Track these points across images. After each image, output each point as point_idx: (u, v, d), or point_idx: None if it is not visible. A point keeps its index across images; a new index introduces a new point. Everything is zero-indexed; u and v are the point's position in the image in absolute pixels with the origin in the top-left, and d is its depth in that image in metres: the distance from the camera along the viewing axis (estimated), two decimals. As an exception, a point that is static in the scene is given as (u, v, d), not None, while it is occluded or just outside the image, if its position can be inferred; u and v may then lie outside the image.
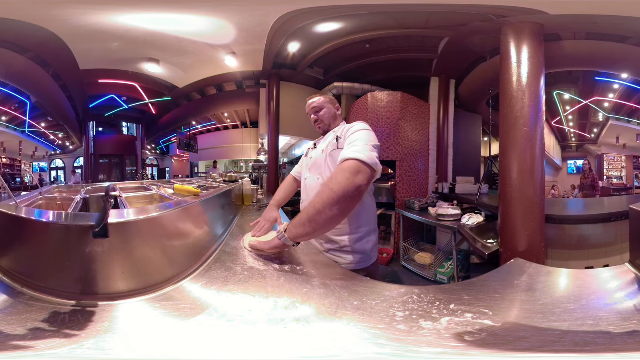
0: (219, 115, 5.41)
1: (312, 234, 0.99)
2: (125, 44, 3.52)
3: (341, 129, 1.39)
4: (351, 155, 1.01)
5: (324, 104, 1.49)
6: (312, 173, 1.48)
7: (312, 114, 1.52)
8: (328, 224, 0.95)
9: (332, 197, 0.92)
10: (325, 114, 1.49)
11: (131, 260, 0.77)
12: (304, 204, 1.48)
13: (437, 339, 0.59)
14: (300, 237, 0.99)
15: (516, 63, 2.47)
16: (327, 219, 0.93)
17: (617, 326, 0.61)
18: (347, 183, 0.94)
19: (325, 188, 0.96)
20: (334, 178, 0.97)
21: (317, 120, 1.50)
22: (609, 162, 4.03)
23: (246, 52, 3.88)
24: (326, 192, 0.94)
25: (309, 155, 1.57)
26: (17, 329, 0.60)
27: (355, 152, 1.01)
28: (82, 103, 4.57)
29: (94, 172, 4.87)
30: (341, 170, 0.98)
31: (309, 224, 0.95)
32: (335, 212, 0.93)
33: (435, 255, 3.26)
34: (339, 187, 0.93)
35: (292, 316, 0.67)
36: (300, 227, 0.96)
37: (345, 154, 1.04)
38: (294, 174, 1.76)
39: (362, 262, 1.35)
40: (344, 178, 0.95)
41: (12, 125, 4.21)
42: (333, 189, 0.93)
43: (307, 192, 1.48)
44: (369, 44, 3.68)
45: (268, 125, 4.67)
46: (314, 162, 1.47)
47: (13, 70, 3.67)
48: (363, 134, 1.19)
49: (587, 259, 2.46)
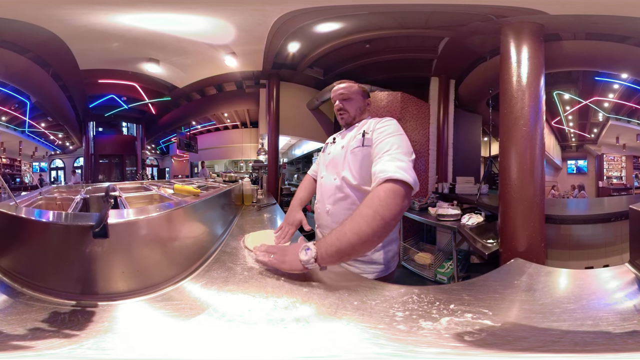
0: (218, 115, 5.41)
1: (346, 261, 0.87)
2: (125, 44, 3.52)
3: (368, 124, 1.23)
4: (399, 176, 0.88)
5: (353, 94, 1.32)
6: (328, 171, 1.33)
7: (338, 100, 1.33)
8: (367, 251, 0.87)
9: (384, 226, 0.82)
10: (352, 105, 1.32)
11: (131, 260, 0.77)
12: (318, 204, 1.37)
13: (437, 339, 0.59)
14: (333, 264, 0.85)
15: (516, 63, 2.48)
16: (370, 247, 0.85)
17: (617, 326, 0.61)
18: (398, 211, 0.84)
19: (374, 214, 0.82)
20: (385, 203, 0.84)
21: (342, 109, 1.32)
22: (608, 162, 4.02)
23: (246, 52, 3.88)
24: (377, 220, 0.81)
25: (327, 150, 1.41)
26: (17, 329, 0.60)
27: (402, 172, 0.90)
28: (82, 103, 4.57)
29: (94, 172, 4.87)
30: (392, 193, 0.86)
31: (349, 254, 0.83)
32: (381, 240, 0.84)
33: (435, 255, 3.26)
34: (390, 215, 0.82)
35: (292, 316, 0.67)
36: (337, 256, 0.82)
37: (390, 169, 0.91)
38: (311, 173, 1.63)
39: (381, 272, 1.24)
40: (395, 205, 0.84)
41: (12, 125, 4.21)
42: (385, 218, 0.82)
43: (322, 192, 1.35)
44: (369, 44, 3.68)
45: (268, 125, 4.67)
46: (332, 159, 1.32)
47: (13, 70, 3.67)
48: (401, 140, 1.07)
49: (587, 259, 2.47)
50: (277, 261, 0.88)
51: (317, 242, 0.84)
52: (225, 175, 3.36)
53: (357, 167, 1.19)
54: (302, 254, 0.82)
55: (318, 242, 0.84)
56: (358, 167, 1.19)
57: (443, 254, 3.26)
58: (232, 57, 3.95)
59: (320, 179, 1.40)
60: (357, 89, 1.34)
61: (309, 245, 0.83)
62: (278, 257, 0.88)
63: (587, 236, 2.48)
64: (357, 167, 1.19)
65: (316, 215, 1.41)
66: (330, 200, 1.28)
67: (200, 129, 5.47)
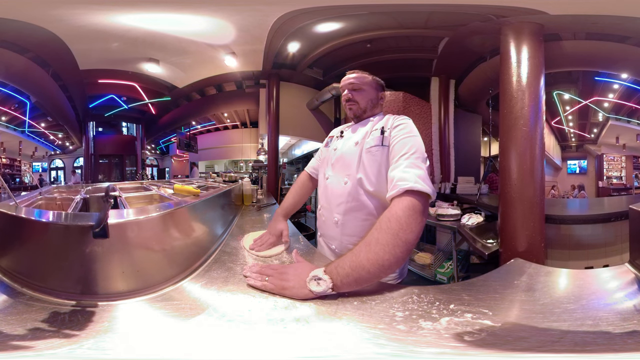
0: (218, 115, 5.40)
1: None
2: (125, 44, 3.52)
3: (384, 120, 1.11)
4: (419, 187, 0.83)
5: (365, 84, 1.18)
6: (336, 171, 1.16)
7: (348, 90, 1.18)
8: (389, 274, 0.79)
9: (407, 250, 0.77)
10: (363, 96, 1.18)
11: (131, 260, 0.77)
12: (323, 211, 1.21)
13: (437, 339, 0.59)
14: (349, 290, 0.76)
15: (516, 63, 2.47)
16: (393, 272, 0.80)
17: (617, 326, 0.61)
18: (419, 229, 0.79)
19: (394, 240, 0.75)
20: (406, 226, 0.77)
21: (350, 100, 1.18)
22: (608, 162, 4.02)
23: (246, 52, 3.88)
24: (399, 246, 0.75)
25: (333, 145, 1.23)
26: (17, 329, 0.60)
27: (422, 182, 0.84)
28: (82, 103, 4.56)
29: (94, 172, 4.87)
30: (412, 212, 0.79)
31: (369, 281, 0.76)
32: (403, 263, 0.80)
33: (435, 255, 3.26)
34: (413, 237, 0.77)
35: (291, 316, 0.67)
36: (355, 285, 0.74)
37: (410, 178, 0.85)
38: (309, 170, 1.41)
39: (395, 280, 1.13)
40: (416, 224, 0.79)
41: (12, 125, 4.21)
42: (408, 241, 0.76)
43: (328, 197, 1.18)
44: (369, 43, 3.68)
45: (268, 125, 4.67)
46: (340, 157, 1.15)
47: (13, 70, 3.66)
48: (419, 143, 0.98)
49: (587, 259, 2.46)
50: (275, 287, 0.77)
51: (329, 270, 0.75)
52: (225, 175, 3.36)
53: (375, 171, 1.05)
54: (313, 285, 0.73)
55: (329, 269, 0.75)
56: (376, 170, 1.05)
57: (443, 254, 3.26)
58: (232, 57, 3.95)
59: (324, 180, 1.21)
60: (370, 80, 1.20)
61: (320, 274, 0.74)
62: (276, 282, 0.77)
63: (587, 236, 2.48)
64: (375, 171, 1.05)
65: (320, 223, 1.26)
66: (341, 209, 1.13)
67: (200, 129, 5.47)
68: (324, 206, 1.22)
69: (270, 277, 0.80)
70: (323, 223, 1.23)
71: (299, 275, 0.77)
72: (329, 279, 0.73)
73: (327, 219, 1.20)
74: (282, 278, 0.78)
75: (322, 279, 0.73)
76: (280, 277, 0.79)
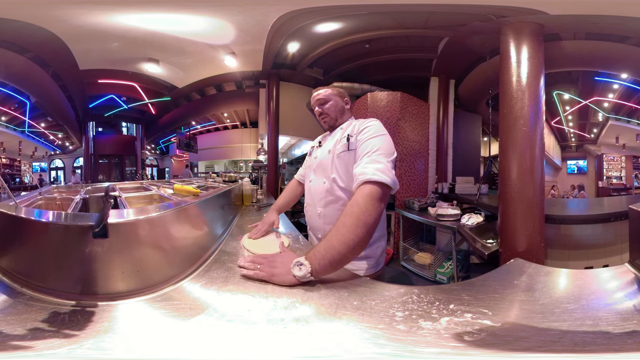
0: (218, 115, 5.41)
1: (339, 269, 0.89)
2: (124, 44, 3.52)
3: (351, 126, 1.28)
4: (376, 178, 0.96)
5: (330, 96, 1.37)
6: (317, 175, 1.37)
7: (317, 106, 1.39)
8: (358, 255, 0.89)
9: (367, 231, 0.87)
10: (331, 107, 1.37)
11: (131, 260, 0.77)
12: (309, 207, 1.41)
13: (437, 339, 0.59)
14: (327, 274, 0.86)
15: (516, 63, 2.48)
16: (360, 251, 0.88)
17: (617, 326, 0.61)
18: (377, 213, 0.91)
19: (356, 222, 0.87)
20: (365, 209, 0.90)
21: (322, 113, 1.38)
22: (608, 162, 4.03)
23: (246, 52, 3.88)
24: (360, 227, 0.87)
25: (314, 154, 1.46)
26: (17, 329, 0.60)
27: (380, 174, 0.97)
28: (82, 103, 4.57)
29: (94, 172, 4.87)
30: (370, 198, 0.92)
31: (342, 262, 0.86)
32: (367, 242, 0.89)
33: (435, 255, 3.26)
34: (371, 219, 0.89)
35: (291, 316, 0.67)
36: (330, 267, 0.84)
37: (369, 172, 0.98)
38: (297, 177, 1.68)
39: (371, 268, 1.31)
40: (374, 208, 0.91)
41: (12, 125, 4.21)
42: (367, 223, 0.88)
43: (312, 195, 1.39)
44: (369, 44, 3.68)
45: (267, 125, 4.67)
46: (319, 163, 1.36)
47: (13, 70, 3.66)
48: (382, 141, 1.12)
49: (587, 259, 2.47)
50: (265, 274, 0.85)
51: (308, 256, 0.84)
52: (225, 175, 3.36)
53: (344, 170, 1.24)
54: (296, 270, 0.81)
55: (309, 256, 0.84)
56: (345, 170, 1.24)
57: (443, 254, 3.26)
58: (231, 57, 3.95)
59: (308, 183, 1.43)
60: (333, 92, 1.39)
61: (302, 260, 0.82)
62: (266, 270, 0.86)
63: (586, 236, 2.48)
64: (344, 170, 1.24)
65: (307, 217, 1.45)
66: (322, 203, 1.32)
67: (200, 129, 5.47)
68: (309, 203, 1.42)
69: (262, 264, 0.88)
70: (310, 217, 1.42)
71: (284, 263, 0.85)
72: (309, 263, 0.82)
73: (312, 214, 1.39)
74: (271, 265, 0.88)
75: (303, 264, 0.82)
76: (269, 264, 0.88)
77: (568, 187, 4.15)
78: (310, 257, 0.83)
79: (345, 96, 1.43)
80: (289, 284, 0.81)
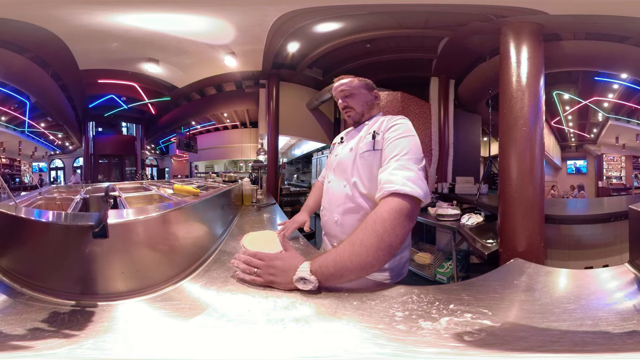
0: (218, 115, 5.40)
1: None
2: (124, 44, 3.52)
3: (378, 123, 1.12)
4: (407, 190, 0.82)
5: (355, 88, 1.20)
6: (336, 176, 1.23)
7: (340, 98, 1.22)
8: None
9: (390, 253, 0.77)
10: (356, 101, 1.20)
11: (131, 260, 0.77)
12: (325, 212, 1.28)
13: (437, 339, 0.59)
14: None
15: (515, 63, 2.48)
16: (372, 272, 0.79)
17: (617, 326, 0.61)
18: (404, 233, 0.79)
19: (378, 243, 0.76)
20: (391, 229, 0.77)
21: (347, 107, 1.21)
22: (608, 162, 4.02)
23: (245, 52, 3.88)
24: (382, 249, 0.76)
25: (334, 151, 1.31)
26: (17, 329, 0.60)
27: (411, 184, 0.83)
28: (82, 103, 4.56)
29: (94, 172, 4.87)
30: (398, 215, 0.79)
31: (350, 280, 0.77)
32: (385, 264, 0.79)
33: (435, 255, 3.26)
34: (397, 241, 0.78)
35: (291, 316, 0.67)
36: (339, 283, 0.77)
37: (397, 180, 0.85)
38: (320, 178, 1.54)
39: (393, 279, 1.16)
40: (401, 227, 0.78)
41: (12, 125, 4.20)
42: (392, 245, 0.77)
43: (330, 199, 1.24)
44: (369, 43, 3.68)
45: (267, 125, 4.67)
46: (339, 162, 1.21)
47: (13, 70, 3.66)
48: (411, 143, 0.98)
49: (587, 259, 2.47)
50: (263, 281, 0.79)
51: (314, 270, 0.76)
52: (224, 175, 3.36)
53: (367, 174, 1.09)
54: (300, 285, 0.76)
55: (314, 269, 0.76)
56: (368, 173, 1.09)
57: (442, 254, 3.26)
58: (231, 57, 3.95)
59: (327, 183, 1.29)
60: (357, 83, 1.21)
61: (306, 276, 0.75)
62: (265, 277, 0.80)
63: (586, 236, 2.48)
64: (368, 174, 1.09)
65: (323, 222, 1.33)
66: (340, 210, 1.19)
67: (199, 129, 5.47)
68: (325, 207, 1.28)
69: (259, 269, 0.82)
70: (325, 222, 1.30)
71: (286, 272, 0.78)
72: (315, 280, 0.75)
73: (328, 219, 1.26)
74: (269, 272, 0.80)
75: (308, 280, 0.75)
76: (267, 271, 0.81)
77: (568, 187, 4.15)
78: (317, 272, 0.75)
79: (374, 88, 1.26)
80: (292, 289, 0.77)
